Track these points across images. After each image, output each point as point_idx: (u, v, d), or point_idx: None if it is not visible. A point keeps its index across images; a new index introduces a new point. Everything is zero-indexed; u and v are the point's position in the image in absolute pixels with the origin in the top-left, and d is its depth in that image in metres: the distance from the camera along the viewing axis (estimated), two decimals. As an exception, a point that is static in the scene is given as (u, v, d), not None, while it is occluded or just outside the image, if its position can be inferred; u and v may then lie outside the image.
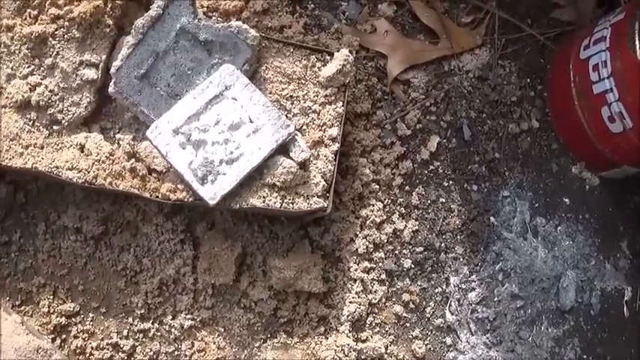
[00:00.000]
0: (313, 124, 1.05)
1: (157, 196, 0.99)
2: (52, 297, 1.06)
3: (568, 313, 1.18)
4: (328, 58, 1.07)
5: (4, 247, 1.06)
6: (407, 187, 1.15)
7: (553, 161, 1.22)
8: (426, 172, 1.16)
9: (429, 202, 1.15)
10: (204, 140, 0.98)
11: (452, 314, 1.14)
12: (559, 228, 1.20)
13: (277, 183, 0.99)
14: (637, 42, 1.07)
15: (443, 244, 1.15)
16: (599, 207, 1.23)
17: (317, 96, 1.05)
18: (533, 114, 1.22)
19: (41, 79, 1.01)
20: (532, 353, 1.16)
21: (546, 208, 1.20)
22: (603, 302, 1.21)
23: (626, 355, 1.20)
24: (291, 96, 1.05)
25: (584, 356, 1.19)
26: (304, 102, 1.05)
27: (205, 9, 1.08)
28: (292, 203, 1.00)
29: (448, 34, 1.19)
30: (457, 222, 1.15)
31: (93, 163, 0.99)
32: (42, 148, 1.00)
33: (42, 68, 1.01)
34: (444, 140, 1.18)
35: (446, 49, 1.20)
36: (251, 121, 1.00)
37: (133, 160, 1.00)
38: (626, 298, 1.23)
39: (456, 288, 1.14)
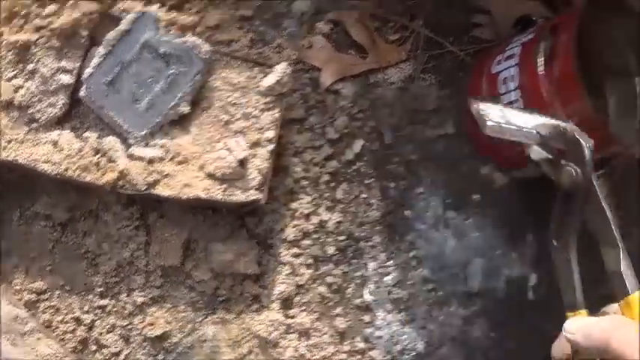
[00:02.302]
0: (253, 127, 1.25)
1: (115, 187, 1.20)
2: (24, 276, 1.28)
3: (475, 296, 1.39)
4: (269, 70, 1.27)
5: (-17, 231, 1.28)
6: (332, 184, 1.37)
7: (464, 162, 1.43)
8: (350, 170, 1.38)
9: (351, 197, 1.37)
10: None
11: (370, 295, 1.35)
12: (468, 221, 1.41)
13: (218, 175, 1.20)
14: (540, 58, 1.27)
15: (363, 234, 1.36)
16: (506, 203, 1.43)
17: (257, 103, 1.26)
18: (449, 121, 1.43)
19: (24, 82, 1.22)
20: (442, 330, 1.37)
21: (457, 203, 1.41)
22: (508, 287, 1.41)
23: (529, 334, 1.39)
24: (234, 103, 1.26)
25: (491, 334, 1.39)
26: (246, 108, 1.26)
27: (164, 22, 1.28)
28: (231, 195, 1.21)
29: (376, 50, 1.40)
30: (376, 215, 1.37)
31: (65, 157, 1.20)
32: (22, 142, 1.22)
33: (24, 72, 1.22)
34: (368, 143, 1.39)
35: (373, 63, 1.41)
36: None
37: (98, 155, 1.21)
38: (530, 284, 1.42)
39: (374, 272, 1.36)
